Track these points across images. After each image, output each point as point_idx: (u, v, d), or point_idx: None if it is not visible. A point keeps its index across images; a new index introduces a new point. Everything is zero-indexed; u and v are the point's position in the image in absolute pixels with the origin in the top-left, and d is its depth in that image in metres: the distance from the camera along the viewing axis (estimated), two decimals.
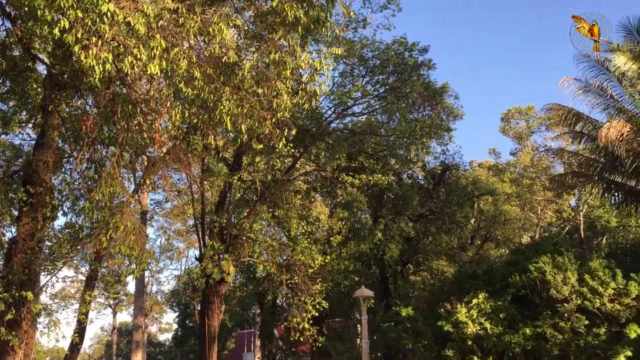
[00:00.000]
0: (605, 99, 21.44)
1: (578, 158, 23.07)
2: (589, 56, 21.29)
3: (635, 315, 17.53)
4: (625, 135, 18.59)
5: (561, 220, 47.68)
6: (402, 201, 28.32)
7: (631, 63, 20.09)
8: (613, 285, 18.03)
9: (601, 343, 17.21)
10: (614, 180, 21.67)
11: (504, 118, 49.37)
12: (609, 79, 21.29)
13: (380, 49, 21.67)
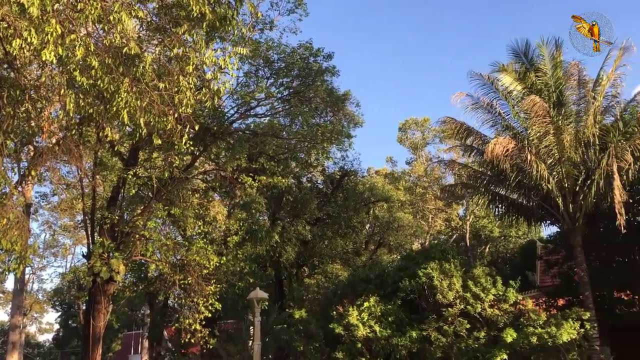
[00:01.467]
0: (493, 116, 22.81)
1: (467, 170, 24.35)
2: (480, 74, 22.62)
3: (512, 320, 18.71)
4: (510, 151, 19.84)
5: (450, 228, 50.16)
6: (301, 204, 28.58)
7: (516, 83, 21.54)
8: (493, 292, 19.15)
9: (480, 346, 18.20)
10: (498, 192, 23.08)
11: (401, 128, 51.22)
12: (498, 97, 22.70)
13: (286, 52, 21.76)
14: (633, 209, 23.52)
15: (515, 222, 26.06)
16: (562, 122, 20.43)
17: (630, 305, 24.41)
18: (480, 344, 18.19)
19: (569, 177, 20.39)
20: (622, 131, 20.82)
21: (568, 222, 20.90)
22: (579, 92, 21.55)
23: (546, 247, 28.69)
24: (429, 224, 46.32)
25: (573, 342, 17.80)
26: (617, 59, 20.79)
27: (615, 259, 24.80)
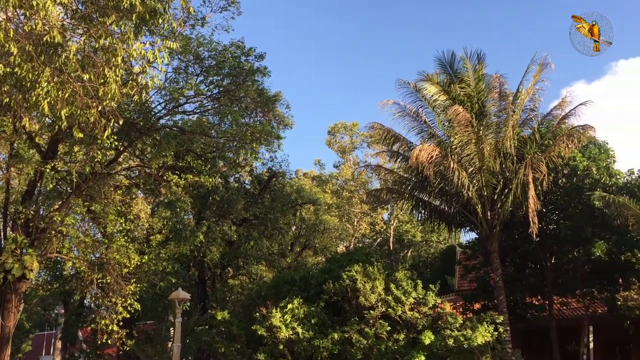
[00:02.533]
0: (419, 124, 23.46)
1: (393, 176, 24.88)
2: (408, 83, 23.23)
3: (430, 323, 19.26)
4: (434, 158, 20.45)
5: (374, 232, 51.03)
6: (227, 204, 28.26)
7: (441, 93, 22.25)
8: (414, 295, 19.64)
9: (400, 348, 18.61)
10: (422, 198, 23.73)
11: (330, 131, 51.60)
12: (424, 105, 23.38)
13: (217, 50, 21.48)
14: (546, 218, 24.81)
15: (436, 228, 26.89)
16: (483, 133, 21.26)
17: (540, 310, 25.70)
18: (399, 346, 18.59)
19: (488, 186, 21.22)
20: (539, 143, 21.90)
21: (486, 229, 21.75)
22: (500, 105, 22.52)
23: (465, 252, 29.75)
24: (354, 227, 46.94)
25: (487, 345, 18.48)
26: (536, 74, 21.87)
27: (528, 265, 26.06)
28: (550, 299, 25.50)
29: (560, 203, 24.63)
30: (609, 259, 23.03)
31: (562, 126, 22.18)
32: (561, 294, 25.97)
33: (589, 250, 22.76)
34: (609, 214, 21.35)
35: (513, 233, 24.60)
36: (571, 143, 20.80)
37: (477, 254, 26.87)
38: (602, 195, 20.84)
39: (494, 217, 21.58)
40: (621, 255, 23.25)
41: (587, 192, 22.67)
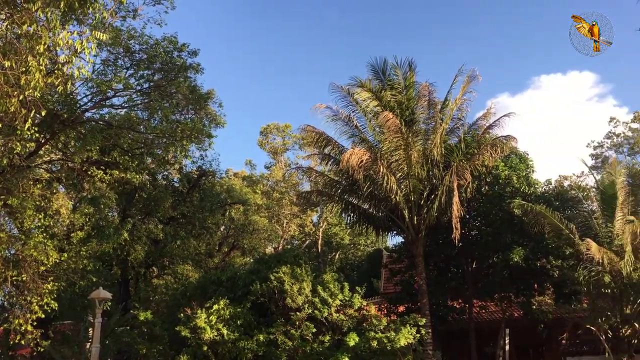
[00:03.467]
0: (351, 128, 23.76)
1: (324, 178, 25.07)
2: (341, 87, 23.49)
3: (355, 325, 19.49)
4: (364, 162, 20.76)
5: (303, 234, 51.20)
6: (154, 202, 27.58)
7: (373, 99, 22.64)
8: (340, 297, 19.82)
9: (325, 349, 18.72)
10: (351, 201, 24.01)
11: (263, 132, 51.42)
12: (356, 110, 23.73)
13: (148, 44, 20.98)
14: (469, 224, 25.68)
15: (365, 231, 27.27)
16: (412, 139, 21.77)
17: (461, 313, 26.55)
18: (324, 348, 18.70)
19: (415, 191, 21.74)
20: (464, 152, 22.65)
21: (412, 233, 22.27)
22: (429, 113, 23.14)
23: (391, 256, 30.32)
24: (283, 229, 46.94)
25: (409, 346, 18.90)
26: (465, 86, 22.61)
27: (451, 270, 26.88)
28: (470, 303, 26.39)
29: (483, 210, 25.57)
30: (526, 265, 24.11)
31: (486, 136, 23.02)
32: (481, 297, 26.94)
33: (507, 256, 23.73)
34: (527, 221, 22.35)
35: (438, 238, 25.31)
36: (494, 152, 21.63)
37: (403, 258, 27.46)
38: (521, 203, 21.80)
39: (420, 222, 22.12)
40: (537, 261, 24.43)
41: (507, 200, 23.67)
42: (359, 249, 54.83)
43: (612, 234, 20.94)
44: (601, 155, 51.78)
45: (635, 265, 20.10)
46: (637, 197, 22.22)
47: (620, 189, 21.51)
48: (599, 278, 20.09)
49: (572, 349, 25.16)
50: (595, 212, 22.24)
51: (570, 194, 26.18)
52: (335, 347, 18.88)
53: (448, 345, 26.81)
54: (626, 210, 21.15)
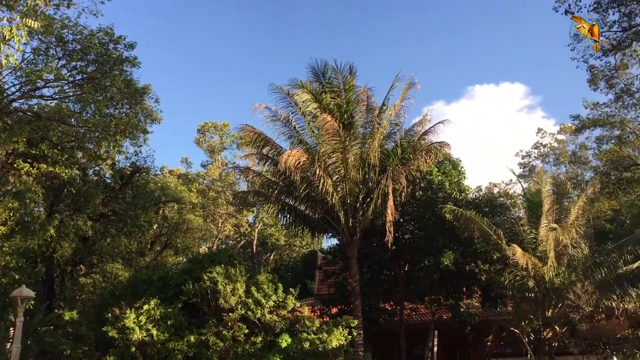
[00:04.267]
0: (290, 129, 23.76)
1: (261, 179, 24.93)
2: (281, 88, 23.43)
3: (288, 326, 19.49)
4: (301, 164, 20.80)
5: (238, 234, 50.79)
6: (84, 198, 26.66)
7: (312, 102, 22.72)
8: (274, 298, 19.77)
9: (257, 351, 18.63)
10: (288, 203, 24.00)
11: (200, 130, 50.76)
12: (295, 112, 23.74)
13: (83, 34, 20.31)
14: (402, 228, 26.18)
15: (300, 232, 27.31)
16: (349, 143, 21.99)
17: (392, 315, 27.03)
18: (256, 349, 18.61)
19: (351, 194, 21.96)
20: (400, 157, 23.07)
21: (347, 236, 22.48)
22: (367, 117, 23.44)
23: (326, 257, 30.51)
24: (218, 229, 46.42)
25: (341, 348, 19.06)
26: (404, 92, 23.02)
27: (384, 272, 27.30)
28: (401, 305, 26.90)
29: (416, 214, 26.13)
30: (456, 269, 24.79)
31: (422, 142, 23.49)
32: (412, 300, 27.51)
33: (438, 260, 24.33)
34: (458, 226, 23.00)
35: (372, 241, 25.64)
36: (429, 158, 22.13)
37: (338, 260, 27.68)
38: (452, 209, 22.41)
39: (356, 224, 22.35)
40: (466, 265, 25.17)
41: (440, 205, 24.28)
42: (294, 250, 54.91)
43: (537, 241, 21.82)
44: (529, 165, 54.01)
45: (557, 270, 21.04)
46: (561, 206, 23.27)
47: (545, 197, 22.46)
48: (524, 282, 20.90)
49: (497, 350, 26.08)
50: (522, 219, 23.12)
51: (499, 201, 27.15)
52: (268, 348, 18.82)
53: (379, 347, 27.21)
54: (550, 217, 22.10)
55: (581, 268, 21.47)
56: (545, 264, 20.82)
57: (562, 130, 53.20)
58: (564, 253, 21.51)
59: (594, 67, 31.46)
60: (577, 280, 20.73)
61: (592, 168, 50.35)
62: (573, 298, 20.30)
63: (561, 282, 20.94)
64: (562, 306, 21.10)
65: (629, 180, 39.97)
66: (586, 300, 20.17)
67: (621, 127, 37.66)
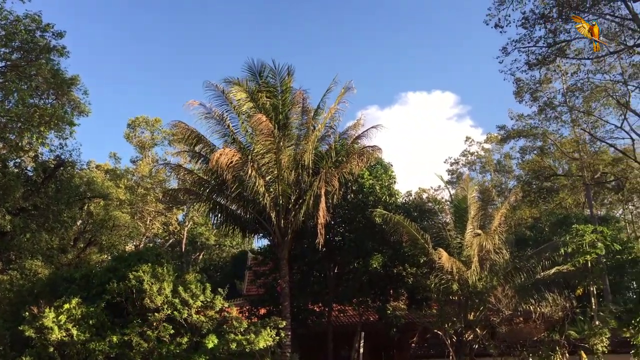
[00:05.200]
0: (224, 128, 23.53)
1: (192, 177, 24.52)
2: (216, 85, 23.17)
3: (215, 326, 19.25)
4: (234, 163, 20.64)
5: (167, 232, 49.73)
6: (3, 191, 25.32)
7: (248, 101, 22.60)
8: (202, 298, 19.48)
9: (182, 351, 18.28)
10: (219, 202, 23.72)
11: (130, 124, 49.39)
12: (230, 110, 23.54)
13: (8, 19, 19.38)
14: (333, 230, 26.41)
15: (231, 232, 27.06)
16: (283, 144, 22.01)
17: (320, 316, 27.20)
18: (181, 349, 18.28)
19: (284, 195, 21.97)
20: (333, 159, 23.29)
21: (278, 237, 22.47)
22: (302, 119, 23.55)
23: (256, 258, 30.36)
24: (146, 226, 45.26)
25: (268, 349, 19.00)
26: (340, 95, 23.25)
27: (314, 274, 27.44)
28: (329, 306, 27.11)
29: (347, 217, 26.42)
30: (384, 271, 25.24)
31: (355, 145, 23.82)
32: (340, 302, 27.78)
33: (367, 262, 24.69)
34: (387, 230, 23.44)
35: (303, 242, 25.73)
36: (361, 162, 22.47)
37: (268, 261, 27.59)
38: (382, 212, 22.82)
39: (287, 225, 22.37)
40: (394, 268, 25.67)
41: (370, 208, 24.65)
42: (224, 250, 54.35)
43: (462, 245, 22.54)
44: (457, 172, 55.79)
45: (480, 275, 21.81)
46: (486, 212, 24.13)
47: (471, 203, 23.24)
48: (448, 286, 21.55)
49: (420, 351, 26.69)
50: (449, 224, 23.83)
51: (427, 206, 27.88)
52: (193, 349, 18.53)
53: (306, 348, 27.28)
54: (476, 223, 22.88)
55: (502, 273, 22.33)
56: (469, 268, 21.53)
57: (489, 140, 55.24)
58: (487, 258, 22.31)
59: (520, 80, 32.97)
60: (498, 285, 21.54)
61: (515, 177, 52.65)
62: (494, 302, 21.08)
63: (483, 286, 21.69)
64: (483, 309, 21.86)
65: (549, 189, 42.05)
66: (506, 304, 20.99)
67: (543, 138, 39.55)
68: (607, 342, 20.82)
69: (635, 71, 32.74)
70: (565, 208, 43.81)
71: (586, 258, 22.28)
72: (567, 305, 21.02)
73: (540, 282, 21.79)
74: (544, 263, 22.34)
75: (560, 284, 21.67)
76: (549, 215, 39.60)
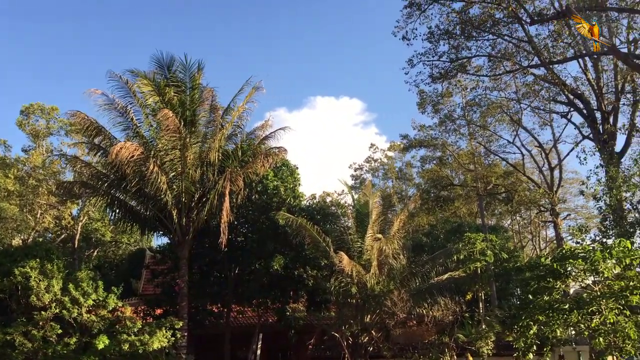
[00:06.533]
0: (127, 120, 22.69)
1: (90, 169, 23.43)
2: (120, 76, 22.30)
3: (107, 326, 18.52)
4: (135, 157, 19.97)
5: (59, 227, 47.10)
6: None
7: (154, 94, 21.96)
8: (94, 297, 18.69)
9: (70, 352, 17.47)
10: (118, 197, 22.81)
11: (24, 111, 46.35)
12: (134, 103, 22.72)
13: None
14: (236, 230, 26.18)
15: (130, 229, 26.15)
16: (190, 141, 21.55)
17: (219, 317, 26.86)
18: (69, 350, 17.49)
19: (187, 193, 21.53)
20: (240, 159, 23.12)
21: (179, 235, 21.97)
22: (210, 116, 23.19)
23: (155, 257, 29.52)
24: (36, 220, 42.67)
25: (162, 350, 18.55)
26: (249, 95, 23.11)
27: (214, 274, 27.06)
28: (229, 307, 26.84)
29: (251, 217, 26.31)
30: (285, 273, 25.34)
31: (262, 146, 23.77)
32: (240, 303, 27.58)
33: (269, 264, 24.69)
34: (290, 232, 23.59)
35: (205, 242, 25.32)
36: (267, 162, 22.49)
37: (167, 260, 26.90)
38: (285, 215, 22.92)
39: (189, 224, 21.95)
40: (295, 270, 25.84)
41: (274, 210, 24.69)
42: (120, 248, 52.31)
43: (362, 249, 23.07)
44: (360, 177, 57.01)
45: (378, 278, 22.41)
46: (386, 218, 24.85)
47: (373, 209, 23.85)
48: (347, 289, 21.97)
49: (317, 353, 27.01)
50: (351, 228, 24.30)
51: (330, 210, 28.27)
52: (83, 349, 17.77)
53: (203, 349, 26.85)
54: (376, 228, 23.50)
55: (399, 277, 23.08)
56: (368, 272, 22.07)
57: (392, 148, 56.90)
58: (385, 262, 22.97)
59: (423, 92, 34.33)
60: (395, 289, 22.24)
61: (415, 185, 54.61)
62: (390, 305, 21.73)
63: (381, 289, 22.31)
64: (379, 312, 22.48)
65: (445, 198, 44.00)
66: (401, 307, 21.70)
67: (442, 149, 41.34)
68: (492, 345, 22.01)
69: (527, 90, 34.99)
70: (460, 217, 45.95)
71: (476, 265, 23.47)
72: (457, 310, 22.02)
73: (434, 286, 22.71)
74: (437, 269, 23.32)
75: (452, 289, 22.67)
76: (445, 223, 41.35)
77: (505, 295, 32.12)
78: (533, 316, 16.92)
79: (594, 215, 40.06)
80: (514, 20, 29.16)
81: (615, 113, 30.84)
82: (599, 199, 24.76)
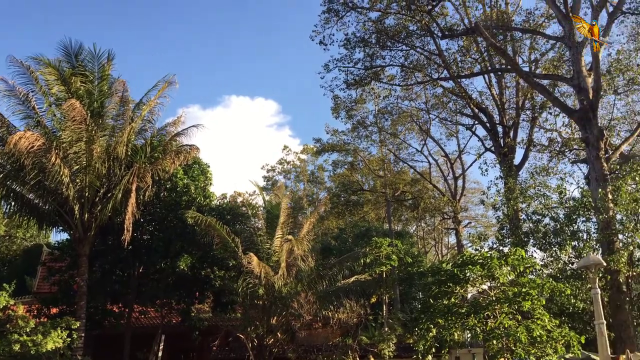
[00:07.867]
0: (27, 109, 21.52)
1: None
2: (22, 62, 21.16)
3: None
4: (35, 148, 18.95)
5: None
6: None
7: (59, 83, 20.98)
8: None
9: None
10: (14, 189, 21.51)
11: None
12: (36, 91, 21.57)
13: None
14: (142, 228, 25.41)
15: (26, 223, 24.67)
16: (96, 133, 20.71)
17: (119, 317, 25.92)
18: None
19: (91, 187, 20.68)
20: (149, 155, 22.49)
21: (80, 231, 21.05)
22: (119, 109, 22.41)
23: (52, 253, 28.05)
24: None
25: (57, 351, 17.70)
26: (162, 89, 22.57)
27: (116, 273, 26.10)
28: (130, 307, 25.98)
29: (158, 215, 25.62)
30: (192, 273, 24.88)
31: (173, 143, 23.27)
32: (143, 303, 26.75)
33: (175, 263, 24.13)
34: (198, 231, 23.17)
35: (108, 239, 24.40)
36: (178, 160, 22.03)
37: (66, 256, 25.64)
38: (194, 214, 22.51)
39: (92, 220, 21.09)
40: (202, 270, 25.43)
41: (183, 208, 24.19)
42: (14, 243, 49.36)
43: (272, 251, 23.06)
44: (272, 178, 56.99)
45: (286, 280, 22.46)
46: (296, 220, 25.04)
47: (283, 210, 23.90)
48: (255, 290, 21.86)
49: (221, 355, 26.65)
50: (261, 230, 24.22)
51: (241, 210, 28.04)
52: None
53: (101, 351, 25.81)
54: (286, 229, 23.56)
55: (307, 279, 23.24)
56: (276, 274, 22.06)
57: (305, 150, 57.31)
58: (294, 264, 23.07)
59: (337, 97, 34.95)
60: (302, 291, 22.37)
61: (326, 188, 55.28)
62: (296, 307, 21.83)
63: (288, 291, 22.38)
64: (286, 314, 22.53)
65: (355, 203, 44.94)
66: (307, 309, 21.86)
67: (354, 154, 42.23)
68: (393, 347, 22.67)
69: (436, 102, 36.42)
70: (368, 221, 46.98)
71: (382, 269, 24.09)
72: (362, 312, 22.50)
73: (341, 289, 23.05)
74: (345, 272, 23.68)
75: (358, 292, 23.12)
76: (353, 227, 42.11)
77: (407, 298, 33.17)
78: (433, 319, 17.58)
79: (493, 224, 42.32)
80: (427, 33, 30.37)
81: (515, 128, 32.79)
82: (498, 208, 26.20)
